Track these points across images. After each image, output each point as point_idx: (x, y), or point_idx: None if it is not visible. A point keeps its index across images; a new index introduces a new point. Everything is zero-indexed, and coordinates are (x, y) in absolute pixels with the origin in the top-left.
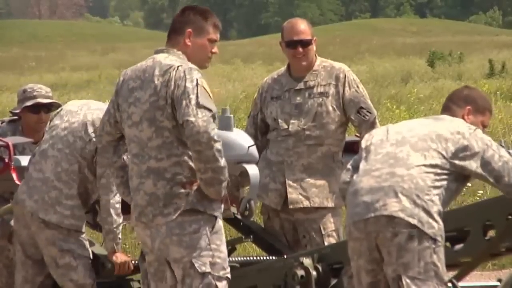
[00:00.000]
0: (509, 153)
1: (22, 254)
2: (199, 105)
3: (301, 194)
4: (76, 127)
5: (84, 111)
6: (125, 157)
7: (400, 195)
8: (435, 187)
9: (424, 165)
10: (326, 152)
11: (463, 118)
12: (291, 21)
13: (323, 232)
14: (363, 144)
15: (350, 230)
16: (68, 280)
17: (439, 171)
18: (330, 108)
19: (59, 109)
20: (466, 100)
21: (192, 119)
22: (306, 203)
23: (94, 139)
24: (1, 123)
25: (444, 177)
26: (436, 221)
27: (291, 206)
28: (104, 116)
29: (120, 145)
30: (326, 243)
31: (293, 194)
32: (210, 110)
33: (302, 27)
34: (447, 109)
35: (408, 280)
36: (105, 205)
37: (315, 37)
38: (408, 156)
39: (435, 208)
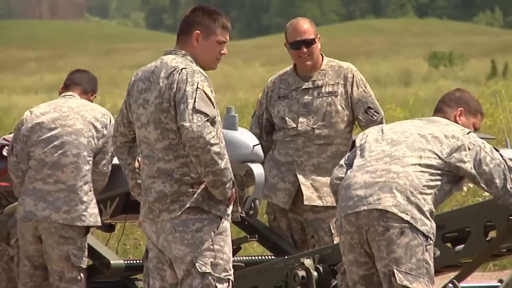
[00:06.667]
0: None
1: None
2: (195, 110)
3: (314, 193)
4: (82, 129)
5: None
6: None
7: (394, 190)
8: (429, 187)
9: (420, 165)
10: (335, 151)
11: (455, 119)
12: (293, 22)
13: (333, 231)
14: (357, 142)
15: (341, 224)
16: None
17: (433, 171)
18: (339, 108)
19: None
20: (458, 101)
21: (187, 124)
22: (318, 202)
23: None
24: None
25: (439, 177)
26: (429, 220)
27: (306, 202)
28: (118, 117)
29: (134, 146)
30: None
31: (307, 191)
32: (206, 115)
33: (305, 26)
34: (439, 111)
35: (400, 275)
36: None
37: (318, 35)
38: (404, 155)
39: (427, 207)
